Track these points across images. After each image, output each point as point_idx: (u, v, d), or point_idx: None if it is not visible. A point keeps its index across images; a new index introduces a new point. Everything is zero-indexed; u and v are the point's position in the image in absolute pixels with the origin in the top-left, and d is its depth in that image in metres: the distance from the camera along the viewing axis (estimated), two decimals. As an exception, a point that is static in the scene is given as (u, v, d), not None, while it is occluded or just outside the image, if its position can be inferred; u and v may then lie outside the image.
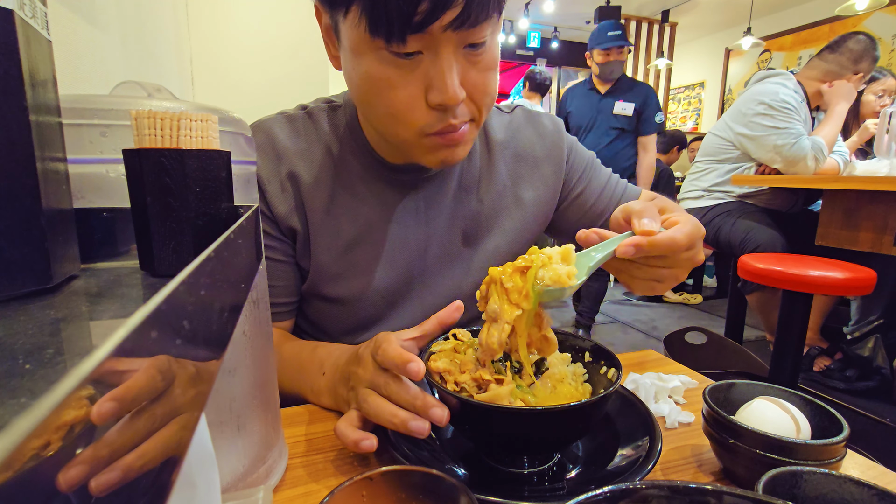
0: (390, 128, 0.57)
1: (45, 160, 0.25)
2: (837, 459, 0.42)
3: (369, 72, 0.53)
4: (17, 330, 0.19)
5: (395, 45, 0.49)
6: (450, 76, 0.51)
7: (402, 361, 0.44)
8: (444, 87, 0.51)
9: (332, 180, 0.68)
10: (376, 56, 0.51)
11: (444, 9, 0.46)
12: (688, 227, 0.50)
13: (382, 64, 0.52)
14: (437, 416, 0.44)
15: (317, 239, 0.68)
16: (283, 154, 0.67)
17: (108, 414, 0.12)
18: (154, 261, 0.29)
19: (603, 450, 0.49)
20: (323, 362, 0.60)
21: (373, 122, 0.60)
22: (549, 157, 0.77)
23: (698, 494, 0.28)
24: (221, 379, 0.38)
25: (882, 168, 1.94)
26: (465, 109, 0.56)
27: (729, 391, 0.51)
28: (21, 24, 0.23)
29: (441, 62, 0.51)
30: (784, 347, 1.67)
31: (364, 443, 0.45)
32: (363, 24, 0.49)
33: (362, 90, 0.56)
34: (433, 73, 0.51)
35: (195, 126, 0.30)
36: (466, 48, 0.52)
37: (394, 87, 0.53)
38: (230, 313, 0.25)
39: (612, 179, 0.82)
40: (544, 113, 0.80)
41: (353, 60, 0.54)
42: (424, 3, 0.46)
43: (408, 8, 0.46)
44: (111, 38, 0.94)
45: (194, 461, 0.25)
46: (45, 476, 0.09)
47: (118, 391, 0.13)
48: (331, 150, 0.69)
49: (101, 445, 0.12)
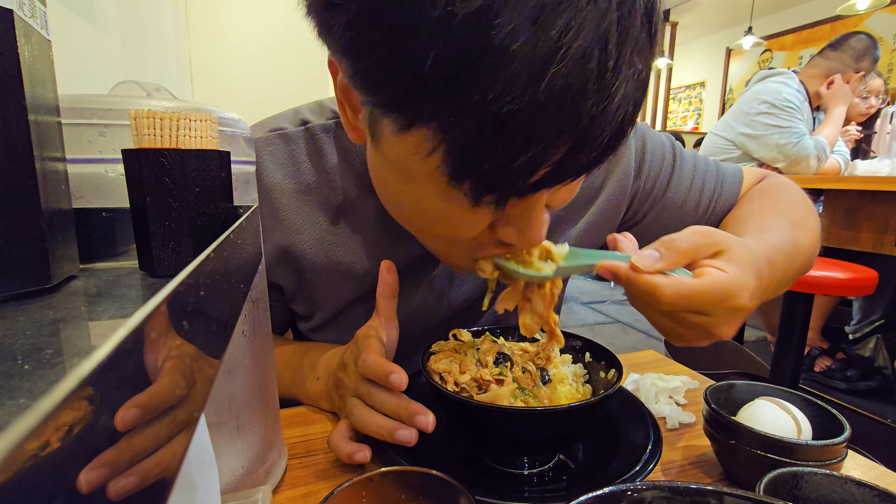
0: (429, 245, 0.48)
1: (44, 160, 0.25)
2: (838, 460, 0.42)
3: (425, 204, 0.41)
4: (16, 330, 0.19)
5: (481, 204, 0.37)
6: (538, 219, 0.41)
7: (384, 373, 0.44)
8: (528, 230, 0.41)
9: (336, 223, 0.58)
10: (438, 190, 0.38)
11: (567, 175, 0.35)
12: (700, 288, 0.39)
13: (448, 202, 0.39)
14: (422, 424, 0.43)
15: (315, 291, 0.60)
16: (271, 194, 0.56)
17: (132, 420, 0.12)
18: (153, 261, 0.29)
19: (603, 450, 0.48)
20: (315, 366, 0.59)
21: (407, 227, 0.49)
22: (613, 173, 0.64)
23: (699, 495, 0.27)
24: (221, 379, 0.38)
25: (883, 168, 1.94)
26: None
27: (730, 392, 0.51)
28: (20, 24, 0.23)
29: (533, 212, 0.40)
30: (785, 348, 1.67)
31: (357, 455, 0.44)
32: (438, 160, 0.34)
33: (406, 210, 0.44)
34: (516, 212, 0.40)
35: (194, 126, 0.30)
36: None
37: (455, 224, 0.41)
38: (230, 314, 0.25)
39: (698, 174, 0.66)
40: None
41: (396, 174, 0.42)
42: (547, 167, 0.33)
43: (526, 176, 0.33)
44: (110, 38, 0.94)
45: (194, 461, 0.25)
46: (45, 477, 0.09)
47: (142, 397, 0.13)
48: (336, 185, 0.57)
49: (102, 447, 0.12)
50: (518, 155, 0.31)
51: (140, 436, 0.14)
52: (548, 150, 0.32)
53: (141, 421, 0.14)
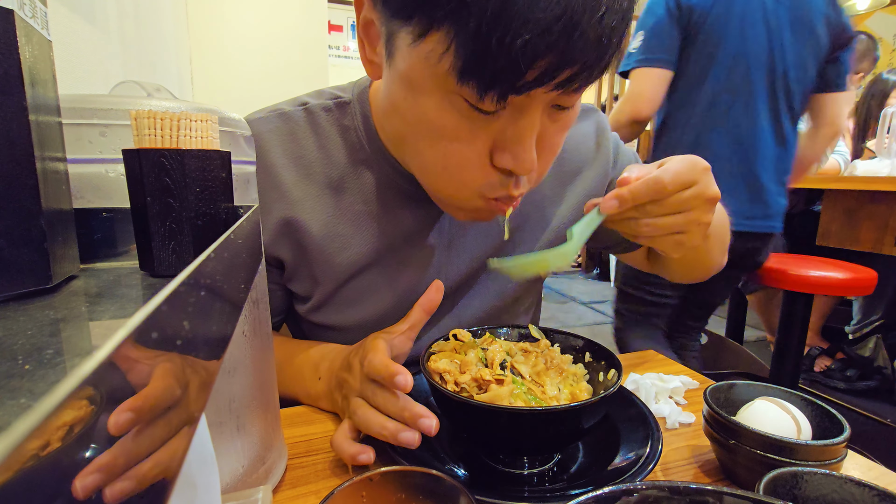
0: (437, 182, 0.50)
1: (44, 160, 0.25)
2: (838, 460, 0.42)
3: (430, 116, 0.44)
4: (16, 330, 0.19)
5: (485, 102, 0.40)
6: (529, 141, 0.44)
7: (389, 374, 0.44)
8: (520, 152, 0.44)
9: (336, 198, 0.59)
10: (447, 101, 0.42)
11: (562, 70, 0.38)
12: (674, 165, 0.46)
13: (453, 113, 0.43)
14: (425, 427, 0.43)
15: (319, 264, 0.60)
16: (272, 170, 0.58)
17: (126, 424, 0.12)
18: (154, 261, 0.29)
19: (603, 450, 0.48)
20: (317, 366, 0.59)
21: (413, 167, 0.52)
22: (596, 160, 0.69)
23: (698, 495, 0.27)
24: (221, 379, 0.38)
25: (883, 168, 1.94)
26: (529, 176, 0.49)
27: (729, 392, 0.51)
28: (21, 24, 0.23)
29: (524, 123, 0.43)
30: (785, 348, 1.67)
31: (361, 456, 0.45)
32: (448, 62, 0.39)
33: (412, 132, 0.47)
34: (510, 135, 0.44)
35: (195, 126, 0.30)
36: (552, 107, 0.45)
37: (458, 140, 0.45)
38: (230, 314, 0.25)
39: None
40: (586, 104, 0.69)
41: (406, 90, 0.45)
42: (544, 62, 0.37)
43: (524, 65, 0.37)
44: (111, 37, 0.94)
45: (194, 461, 0.25)
46: (44, 477, 0.09)
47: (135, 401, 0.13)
48: (336, 160, 0.59)
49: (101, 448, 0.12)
50: (516, 39, 0.35)
51: (140, 436, 0.14)
52: (544, 35, 0.36)
53: (141, 421, 0.14)
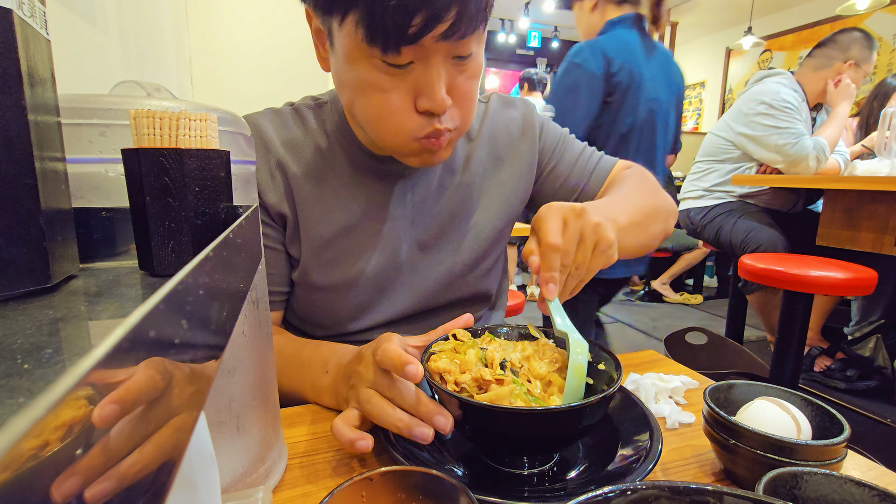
0: (379, 130, 0.60)
1: (43, 160, 0.25)
2: (838, 460, 0.42)
3: (362, 77, 0.56)
4: (15, 329, 0.19)
5: (389, 56, 0.53)
6: (438, 85, 0.55)
7: (401, 363, 0.44)
8: (432, 94, 0.55)
9: (319, 171, 0.71)
10: (370, 64, 0.55)
11: (436, 22, 0.50)
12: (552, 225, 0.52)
13: (375, 71, 0.55)
14: (440, 424, 0.44)
15: (307, 227, 0.70)
16: (270, 145, 0.69)
17: (110, 417, 0.12)
18: (153, 261, 0.29)
19: (603, 450, 0.48)
20: (326, 360, 0.60)
21: (362, 124, 0.63)
22: (524, 136, 0.82)
23: (698, 495, 0.27)
24: (221, 379, 0.38)
25: (883, 168, 1.93)
26: (450, 116, 0.59)
27: (729, 392, 0.51)
28: (20, 24, 0.23)
29: (431, 72, 0.55)
30: (785, 348, 1.67)
31: (360, 443, 0.45)
32: (359, 34, 0.52)
33: (354, 94, 0.59)
34: (423, 82, 0.55)
35: (194, 125, 0.30)
36: (454, 59, 0.56)
37: (385, 92, 0.56)
38: (229, 313, 0.25)
39: (586, 152, 0.85)
40: (516, 98, 0.86)
41: (345, 65, 0.57)
42: (419, 17, 0.49)
43: (403, 21, 0.50)
44: (111, 37, 0.94)
45: (194, 461, 0.25)
46: (43, 477, 0.09)
47: (118, 393, 0.13)
48: (318, 143, 0.72)
49: (101, 449, 0.12)
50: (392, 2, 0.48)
51: (140, 436, 0.14)
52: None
53: (140, 421, 0.14)
